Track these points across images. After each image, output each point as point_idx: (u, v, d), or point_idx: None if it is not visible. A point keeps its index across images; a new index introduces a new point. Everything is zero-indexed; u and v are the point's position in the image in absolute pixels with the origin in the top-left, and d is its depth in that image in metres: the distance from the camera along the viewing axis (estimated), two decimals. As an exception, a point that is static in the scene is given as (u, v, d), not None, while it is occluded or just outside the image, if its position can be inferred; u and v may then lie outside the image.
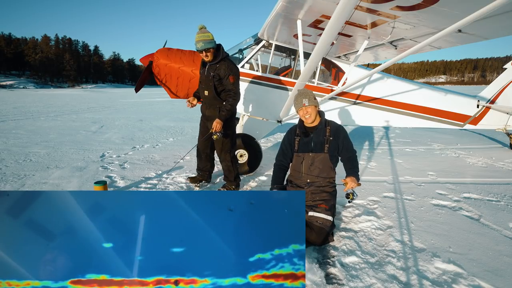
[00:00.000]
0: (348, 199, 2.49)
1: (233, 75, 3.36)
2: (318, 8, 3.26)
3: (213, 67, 3.35)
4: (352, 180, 2.52)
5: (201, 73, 3.50)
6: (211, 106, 3.53)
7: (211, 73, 3.35)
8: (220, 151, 3.65)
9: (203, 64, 3.46)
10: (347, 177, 2.57)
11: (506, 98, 5.76)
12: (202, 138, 3.73)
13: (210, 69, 3.37)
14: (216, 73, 3.34)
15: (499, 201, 3.51)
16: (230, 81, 3.34)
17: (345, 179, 2.56)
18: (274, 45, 4.86)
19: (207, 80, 3.41)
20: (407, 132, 8.73)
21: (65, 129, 8.57)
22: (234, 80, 3.38)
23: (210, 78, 3.37)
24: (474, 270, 2.16)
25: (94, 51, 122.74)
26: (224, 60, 3.36)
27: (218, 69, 3.34)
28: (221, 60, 3.35)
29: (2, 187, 3.76)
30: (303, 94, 2.68)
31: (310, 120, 2.69)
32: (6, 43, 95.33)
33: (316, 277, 2.07)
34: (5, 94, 31.81)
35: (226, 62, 3.36)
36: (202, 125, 3.81)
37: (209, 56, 3.27)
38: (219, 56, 3.34)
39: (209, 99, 3.48)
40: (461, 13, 2.56)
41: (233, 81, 3.36)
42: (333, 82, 5.23)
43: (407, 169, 4.92)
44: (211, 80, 3.37)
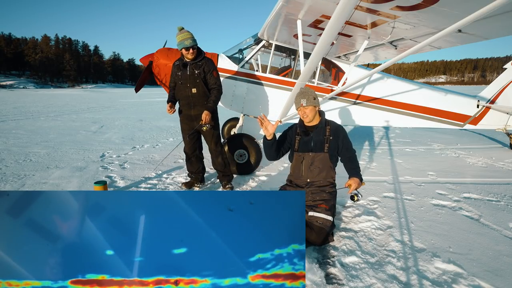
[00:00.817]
0: (353, 200, 2.49)
1: (215, 71, 3.53)
2: (318, 8, 3.26)
3: (197, 65, 3.42)
4: (355, 182, 2.53)
5: (181, 72, 3.47)
6: (197, 105, 3.52)
7: (196, 71, 3.41)
8: (214, 144, 3.69)
9: (183, 64, 3.44)
10: (350, 179, 2.58)
11: (506, 98, 5.76)
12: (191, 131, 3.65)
13: (194, 67, 3.42)
14: (202, 69, 3.43)
15: (499, 201, 3.51)
16: (214, 76, 3.50)
17: (348, 181, 2.56)
18: (274, 45, 4.86)
19: (192, 78, 3.43)
20: (407, 132, 8.73)
21: (65, 129, 8.57)
22: (217, 75, 3.55)
23: (197, 76, 3.42)
24: (474, 270, 2.16)
25: (94, 51, 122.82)
26: (206, 58, 3.50)
27: (202, 66, 3.43)
28: (203, 58, 3.47)
29: (2, 187, 3.76)
30: (302, 93, 2.67)
31: (307, 120, 2.69)
32: (6, 43, 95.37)
33: (316, 277, 2.07)
34: (5, 94, 31.81)
35: (207, 59, 3.50)
36: (186, 128, 3.71)
37: (194, 53, 3.35)
38: (202, 54, 3.47)
39: (197, 97, 3.49)
40: (461, 13, 2.56)
41: (217, 76, 3.54)
42: (333, 82, 5.23)
43: (407, 169, 4.92)
44: (197, 77, 3.42)
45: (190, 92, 3.48)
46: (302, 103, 2.62)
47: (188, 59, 3.40)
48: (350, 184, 2.53)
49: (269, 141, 2.70)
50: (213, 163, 3.83)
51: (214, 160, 3.78)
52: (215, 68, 3.52)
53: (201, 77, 3.43)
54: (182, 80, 3.47)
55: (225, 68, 4.81)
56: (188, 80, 3.45)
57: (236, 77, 4.82)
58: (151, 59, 4.47)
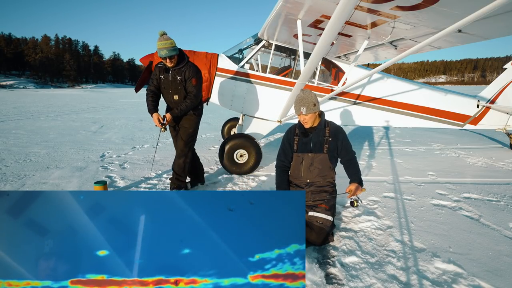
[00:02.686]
0: (353, 206, 2.50)
1: (196, 78, 3.37)
2: (318, 8, 3.26)
3: (179, 71, 3.32)
4: (356, 187, 2.52)
5: (163, 78, 3.37)
6: None
7: (178, 77, 3.32)
8: (184, 145, 3.54)
9: (165, 69, 3.35)
10: (351, 184, 2.58)
11: (506, 98, 5.77)
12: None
13: (177, 73, 3.32)
14: (183, 76, 3.33)
15: (499, 201, 3.51)
16: (192, 83, 3.35)
17: (349, 186, 2.56)
18: (274, 45, 4.86)
19: (174, 84, 3.36)
20: (407, 132, 8.73)
21: (65, 129, 8.57)
22: (196, 83, 3.39)
23: (179, 82, 3.34)
24: (474, 270, 2.16)
25: (94, 51, 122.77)
26: (189, 64, 3.37)
27: (184, 72, 3.32)
28: (186, 64, 3.35)
29: (2, 187, 3.76)
30: (302, 100, 2.58)
31: (307, 126, 2.67)
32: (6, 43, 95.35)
33: (316, 277, 2.07)
34: (5, 94, 31.81)
35: (190, 65, 3.37)
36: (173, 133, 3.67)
37: (173, 62, 3.24)
38: (184, 60, 3.34)
39: (178, 104, 3.40)
40: (461, 13, 2.56)
41: (195, 84, 3.38)
42: (333, 82, 5.23)
43: (407, 169, 4.92)
44: (179, 84, 3.35)
45: (172, 99, 3.42)
46: (301, 111, 2.57)
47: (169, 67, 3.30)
48: (351, 189, 2.52)
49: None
50: (174, 162, 3.64)
51: (176, 160, 3.61)
52: (195, 75, 3.38)
53: (182, 84, 3.35)
54: (165, 85, 3.40)
55: (225, 68, 4.81)
56: (170, 86, 3.37)
57: (236, 77, 4.82)
58: (151, 59, 4.47)
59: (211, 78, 4.72)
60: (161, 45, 3.11)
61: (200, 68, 4.71)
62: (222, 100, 4.89)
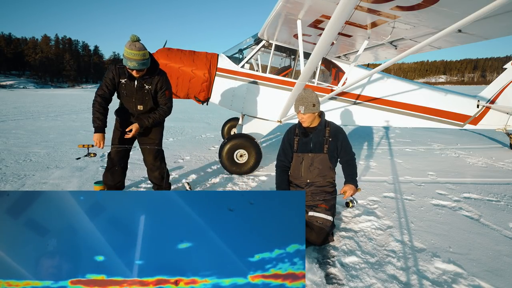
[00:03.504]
0: (347, 207, 2.52)
1: (169, 90, 3.09)
2: (318, 8, 3.27)
3: (148, 80, 2.93)
4: (350, 188, 2.55)
5: (125, 83, 2.93)
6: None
7: (147, 86, 2.94)
8: (153, 159, 3.25)
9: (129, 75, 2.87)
10: (345, 185, 2.60)
11: (506, 98, 5.77)
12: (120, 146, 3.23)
13: (144, 82, 2.93)
14: (154, 86, 2.97)
15: (499, 201, 3.51)
16: (166, 95, 3.05)
17: (344, 187, 2.58)
18: (274, 45, 4.86)
19: (140, 94, 2.97)
20: (407, 132, 8.73)
21: (65, 129, 8.57)
22: (169, 95, 3.11)
23: (146, 92, 2.96)
24: (474, 270, 2.16)
25: (94, 51, 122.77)
26: (160, 73, 3.00)
27: (155, 83, 2.96)
28: (158, 73, 2.98)
29: (2, 187, 3.76)
30: (302, 99, 2.58)
31: (305, 125, 2.68)
32: (6, 43, 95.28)
33: (316, 277, 2.07)
34: (5, 94, 31.80)
35: (162, 75, 3.01)
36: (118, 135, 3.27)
37: (140, 74, 2.83)
38: (155, 69, 2.96)
39: (143, 114, 3.08)
40: (461, 13, 2.56)
41: (169, 96, 3.09)
42: (333, 82, 5.23)
43: (407, 169, 4.92)
44: (147, 94, 2.97)
45: (135, 108, 3.04)
46: (300, 110, 2.57)
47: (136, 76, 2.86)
48: (345, 190, 2.55)
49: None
50: (149, 176, 3.42)
51: (150, 174, 3.38)
52: (169, 88, 3.08)
53: (151, 94, 2.98)
54: (127, 92, 2.96)
55: (225, 68, 4.81)
56: (134, 95, 2.97)
57: (236, 77, 4.82)
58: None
59: (211, 78, 4.72)
60: (131, 55, 2.62)
61: (200, 68, 4.72)
62: (222, 100, 4.89)
